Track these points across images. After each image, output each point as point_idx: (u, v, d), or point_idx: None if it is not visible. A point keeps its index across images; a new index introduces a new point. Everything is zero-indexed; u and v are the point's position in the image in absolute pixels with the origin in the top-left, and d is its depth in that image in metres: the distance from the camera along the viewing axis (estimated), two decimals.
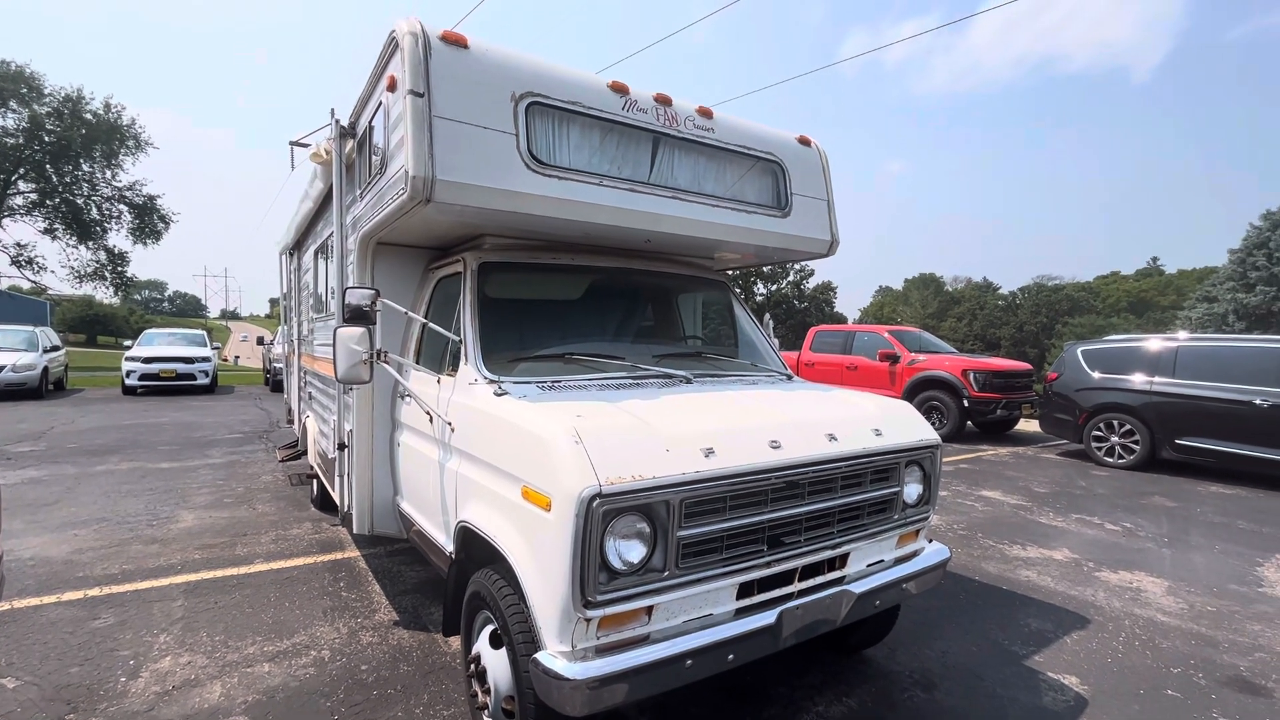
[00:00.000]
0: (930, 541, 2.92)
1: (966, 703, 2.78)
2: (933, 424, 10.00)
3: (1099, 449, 8.46)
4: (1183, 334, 8.55)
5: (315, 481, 5.47)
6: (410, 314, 3.11)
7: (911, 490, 2.72)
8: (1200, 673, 3.10)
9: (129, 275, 27.96)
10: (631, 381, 2.76)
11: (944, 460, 8.25)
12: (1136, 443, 8.10)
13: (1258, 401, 7.16)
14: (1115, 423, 8.32)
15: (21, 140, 23.08)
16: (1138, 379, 8.18)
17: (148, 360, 14.74)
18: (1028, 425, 11.46)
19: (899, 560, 2.72)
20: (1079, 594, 4.04)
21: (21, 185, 24.09)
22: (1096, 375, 8.62)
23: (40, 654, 3.00)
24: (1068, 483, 7.31)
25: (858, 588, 2.44)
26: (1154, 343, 8.32)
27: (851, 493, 2.45)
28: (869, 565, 2.60)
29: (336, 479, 3.80)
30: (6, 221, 24.33)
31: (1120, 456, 8.24)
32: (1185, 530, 5.49)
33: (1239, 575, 4.43)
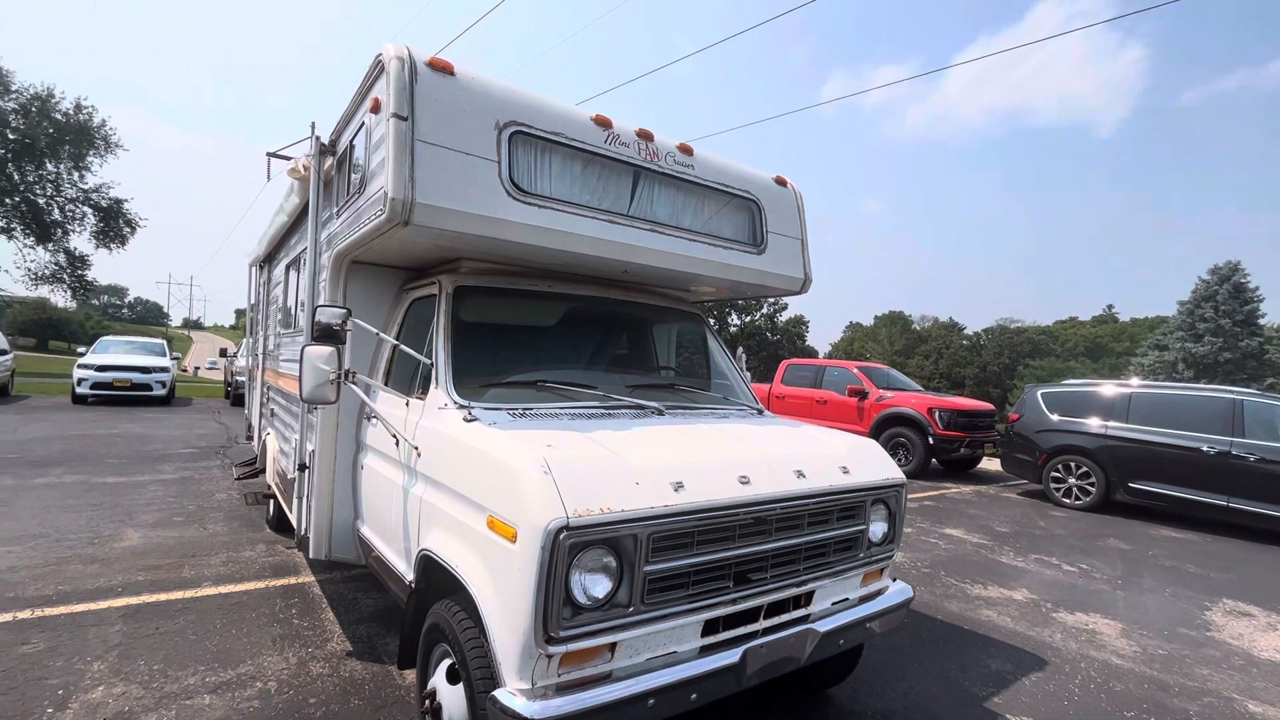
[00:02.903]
0: (894, 580, 2.94)
1: None
2: (898, 460, 10.18)
3: (1057, 490, 8.68)
4: (1135, 380, 8.90)
5: (272, 501, 5.28)
6: (381, 335, 3.07)
7: (877, 529, 2.74)
8: (1153, 717, 3.15)
9: (89, 279, 26.97)
10: (603, 411, 2.76)
11: (910, 497, 8.37)
12: (1092, 485, 8.33)
13: (1205, 449, 7.45)
14: (1072, 464, 8.55)
15: None
16: (1094, 423, 8.46)
17: (101, 368, 14.17)
18: (990, 464, 11.71)
19: (863, 599, 2.73)
20: (1037, 635, 4.09)
21: None
22: (1055, 418, 8.89)
23: None
24: (1028, 523, 7.46)
25: (822, 626, 2.43)
26: (1109, 388, 8.64)
27: (818, 530, 2.46)
28: (834, 603, 2.60)
29: (295, 500, 3.68)
30: None
31: (1077, 498, 8.46)
32: (1138, 573, 5.63)
33: (1189, 619, 4.54)
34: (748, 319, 45.66)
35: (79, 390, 13.89)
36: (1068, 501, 8.53)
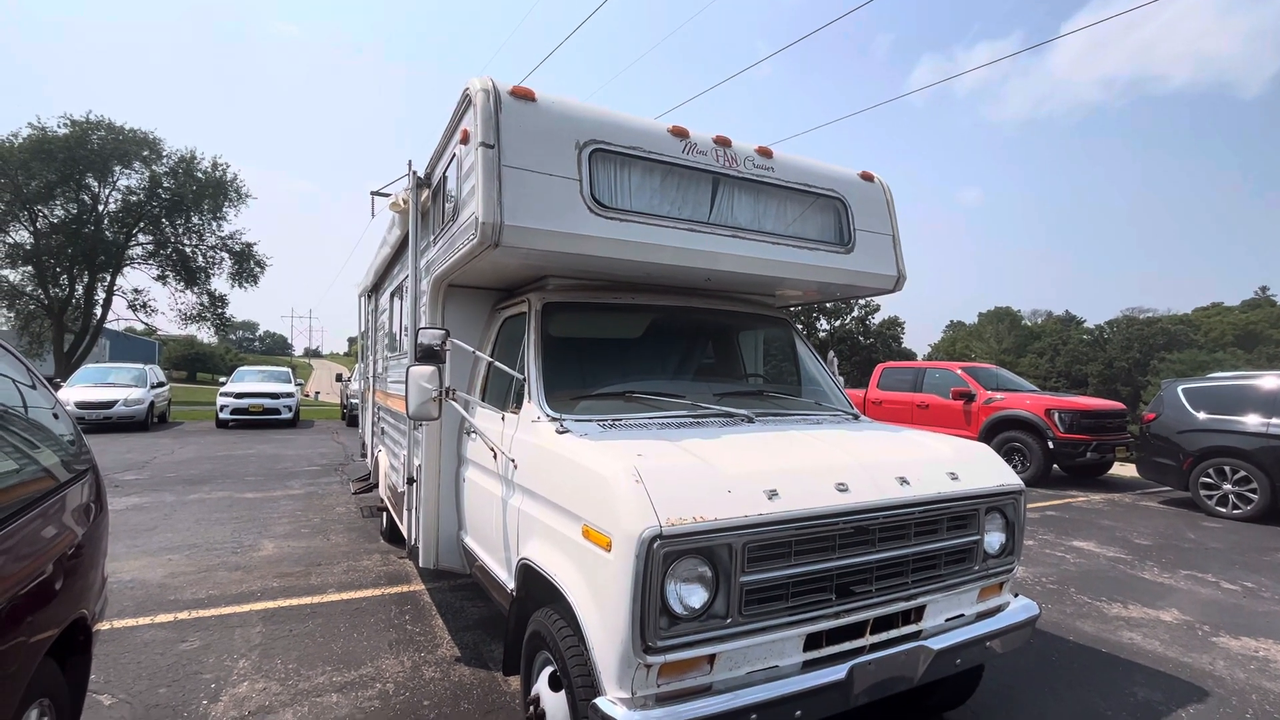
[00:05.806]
0: (1016, 596, 2.70)
1: None
2: (1014, 467, 9.40)
3: (1209, 497, 7.68)
4: None
5: (385, 514, 5.65)
6: (477, 353, 3.22)
7: (993, 539, 2.54)
8: None
9: (227, 316, 30.29)
10: (692, 420, 2.74)
11: (1029, 507, 7.69)
12: (1254, 491, 7.30)
13: None
14: (1227, 469, 7.55)
15: (143, 197, 25.82)
16: (1252, 420, 7.43)
17: (239, 396, 15.87)
18: (1123, 469, 10.58)
19: (981, 615, 2.53)
20: (1193, 661, 3.62)
21: (140, 237, 26.83)
22: (1202, 416, 7.90)
23: (134, 674, 3.19)
24: (1174, 534, 6.65)
25: (936, 644, 2.28)
26: (1269, 380, 7.57)
27: (926, 540, 2.31)
28: (948, 619, 2.43)
29: (405, 512, 3.92)
30: (127, 269, 27.07)
31: (1235, 506, 7.45)
32: None
33: None
34: (837, 323, 44.02)
35: (221, 416, 15.63)
36: (1223, 510, 7.52)
